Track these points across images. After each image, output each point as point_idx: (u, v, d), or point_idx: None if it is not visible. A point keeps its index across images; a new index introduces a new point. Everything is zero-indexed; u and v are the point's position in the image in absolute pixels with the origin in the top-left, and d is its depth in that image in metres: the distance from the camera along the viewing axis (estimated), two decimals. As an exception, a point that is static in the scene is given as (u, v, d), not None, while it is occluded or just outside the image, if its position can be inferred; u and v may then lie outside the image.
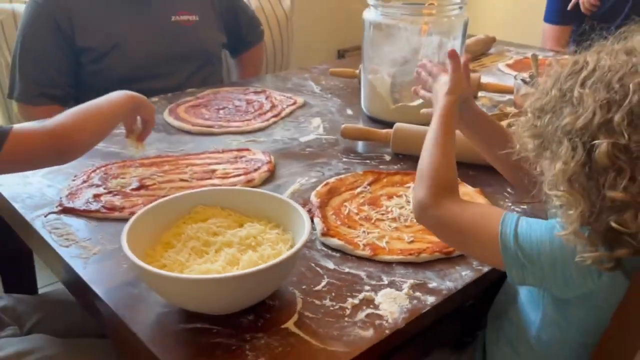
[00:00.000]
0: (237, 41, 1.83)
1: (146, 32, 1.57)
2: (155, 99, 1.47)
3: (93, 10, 1.51)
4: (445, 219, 0.72)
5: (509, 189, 1.03)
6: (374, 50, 1.35)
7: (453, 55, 0.90)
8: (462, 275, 0.79)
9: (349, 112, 1.42)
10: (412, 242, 0.86)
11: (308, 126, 1.32)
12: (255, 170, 1.08)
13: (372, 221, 0.92)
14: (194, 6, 1.65)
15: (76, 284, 0.81)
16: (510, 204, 0.98)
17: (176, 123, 1.31)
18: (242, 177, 1.05)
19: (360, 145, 1.22)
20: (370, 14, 1.32)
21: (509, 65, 1.78)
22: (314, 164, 1.13)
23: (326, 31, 2.99)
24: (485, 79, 1.56)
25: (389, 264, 0.82)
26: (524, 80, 1.35)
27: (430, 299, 0.74)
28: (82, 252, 0.84)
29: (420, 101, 1.27)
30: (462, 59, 0.91)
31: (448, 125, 0.82)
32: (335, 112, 1.41)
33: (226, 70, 1.96)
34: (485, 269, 0.80)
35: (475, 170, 1.09)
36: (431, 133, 0.82)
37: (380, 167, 1.12)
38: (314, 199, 0.97)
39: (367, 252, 0.83)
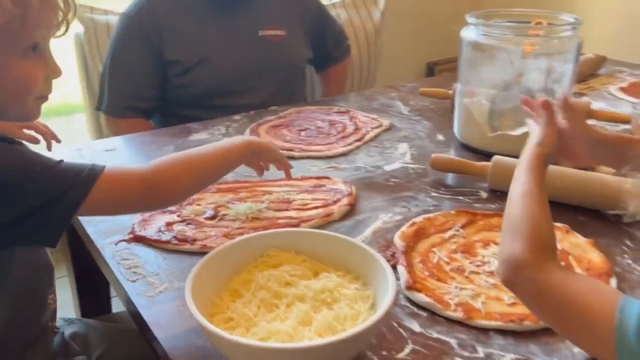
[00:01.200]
0: (323, 56, 1.77)
1: (233, 46, 1.53)
2: (237, 117, 1.43)
3: (182, 24, 1.50)
4: (544, 285, 0.59)
5: (627, 241, 0.88)
6: (471, 71, 1.24)
7: (546, 106, 0.77)
8: (574, 354, 0.66)
9: (440, 137, 1.30)
10: (512, 304, 0.74)
11: (394, 152, 1.23)
12: (335, 202, 0.99)
13: (466, 274, 0.81)
14: (282, 20, 1.60)
15: (139, 322, 0.76)
16: (630, 261, 0.84)
17: (256, 144, 1.25)
18: (320, 210, 0.97)
19: (451, 178, 1.10)
20: (468, 33, 1.21)
21: (622, 89, 1.59)
22: (399, 197, 1.03)
23: (415, 45, 2.88)
24: (595, 105, 1.39)
25: (484, 330, 0.70)
26: (646, 110, 1.18)
27: (535, 381, 0.63)
28: (148, 289, 0.79)
29: (523, 130, 1.15)
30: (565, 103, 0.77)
31: (540, 177, 0.69)
32: (425, 137, 1.30)
33: (310, 87, 1.90)
34: (603, 347, 0.67)
35: (585, 215, 0.95)
36: (520, 184, 0.68)
37: (475, 205, 1.00)
38: (398, 241, 0.87)
39: (459, 314, 0.72)
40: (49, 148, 1.06)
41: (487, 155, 1.14)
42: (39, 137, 1.04)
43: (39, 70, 0.70)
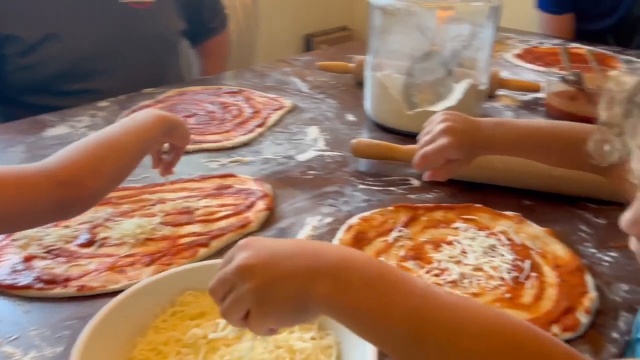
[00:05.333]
0: (199, 28, 1.53)
1: (88, 17, 1.25)
2: (104, 103, 1.17)
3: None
4: None
5: (583, 227, 0.79)
6: (382, 41, 1.09)
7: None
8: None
9: (350, 117, 1.15)
10: (490, 322, 0.61)
11: (304, 139, 1.05)
12: (249, 207, 0.80)
13: (425, 287, 0.66)
14: (149, -16, 1.34)
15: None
16: (594, 250, 0.74)
17: (134, 138, 1.01)
18: (233, 220, 0.77)
19: (375, 165, 0.95)
20: (379, -3, 1.05)
21: (518, 56, 1.55)
22: (324, 194, 0.86)
23: (291, 15, 2.70)
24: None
25: None
26: (565, 78, 1.12)
27: None
28: (5, 365, 0.55)
29: (446, 104, 1.03)
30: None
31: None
32: (334, 118, 1.14)
33: (185, 65, 1.65)
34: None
35: (531, 199, 0.85)
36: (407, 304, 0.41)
37: (410, 197, 0.86)
38: (338, 253, 0.70)
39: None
40: None
41: (406, 136, 1.01)
42: None
43: None
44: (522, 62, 1.51)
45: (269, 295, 0.40)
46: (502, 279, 0.68)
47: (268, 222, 0.79)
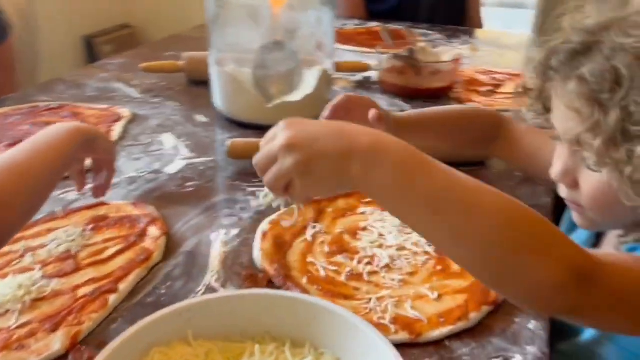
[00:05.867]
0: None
1: None
2: None
3: None
4: (621, 284, 0.46)
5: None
6: (222, 35, 1.03)
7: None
8: (533, 331, 0.59)
9: (201, 118, 1.07)
10: (439, 298, 0.62)
11: (162, 148, 0.95)
12: (141, 236, 0.70)
13: (366, 278, 0.65)
14: None
15: None
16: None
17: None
18: (130, 255, 0.66)
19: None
20: (215, -13, 0.99)
21: (333, 39, 1.60)
22: (215, 204, 0.79)
23: (66, 15, 2.41)
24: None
25: (438, 343, 0.57)
26: (397, 55, 1.19)
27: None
28: None
29: (306, 93, 1.02)
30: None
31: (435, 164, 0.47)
32: (184, 122, 1.05)
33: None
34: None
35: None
36: (448, 184, 0.45)
37: (303, 191, 0.84)
38: (267, 266, 0.65)
39: (404, 336, 0.57)
40: None
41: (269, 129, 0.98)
42: None
43: None
44: (337, 45, 1.56)
45: (310, 170, 0.47)
46: (427, 252, 0.70)
47: (169, 247, 0.69)
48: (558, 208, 0.74)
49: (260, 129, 0.99)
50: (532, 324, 0.59)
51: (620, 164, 0.50)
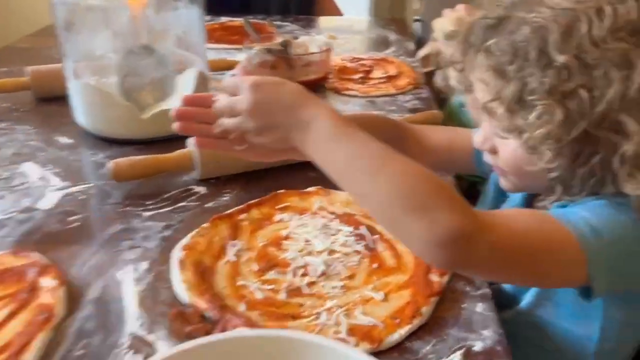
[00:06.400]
0: None
1: None
2: None
3: None
4: (503, 240, 0.50)
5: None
6: (78, 41, 0.91)
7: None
8: (482, 312, 0.59)
9: (64, 139, 0.94)
10: (384, 299, 0.60)
11: (27, 181, 0.81)
12: (33, 290, 0.58)
13: (305, 291, 0.61)
14: None
15: None
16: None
17: None
18: (26, 316, 0.55)
19: (143, 186, 0.80)
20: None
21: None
22: (112, 238, 0.69)
23: None
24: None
25: (400, 346, 0.55)
26: (270, 49, 1.14)
27: (496, 366, 0.53)
28: None
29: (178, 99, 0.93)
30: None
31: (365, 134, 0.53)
32: (45, 147, 0.91)
33: None
34: (485, 289, 0.62)
35: (313, 170, 0.86)
36: (353, 152, 0.52)
37: (207, 206, 0.76)
38: (196, 299, 0.58)
39: (367, 346, 0.53)
40: None
41: (149, 143, 0.89)
42: None
43: None
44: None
45: (263, 134, 0.57)
46: (358, 252, 0.67)
47: (71, 298, 0.59)
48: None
49: (137, 144, 0.90)
50: (480, 307, 0.60)
51: (520, 131, 0.54)
